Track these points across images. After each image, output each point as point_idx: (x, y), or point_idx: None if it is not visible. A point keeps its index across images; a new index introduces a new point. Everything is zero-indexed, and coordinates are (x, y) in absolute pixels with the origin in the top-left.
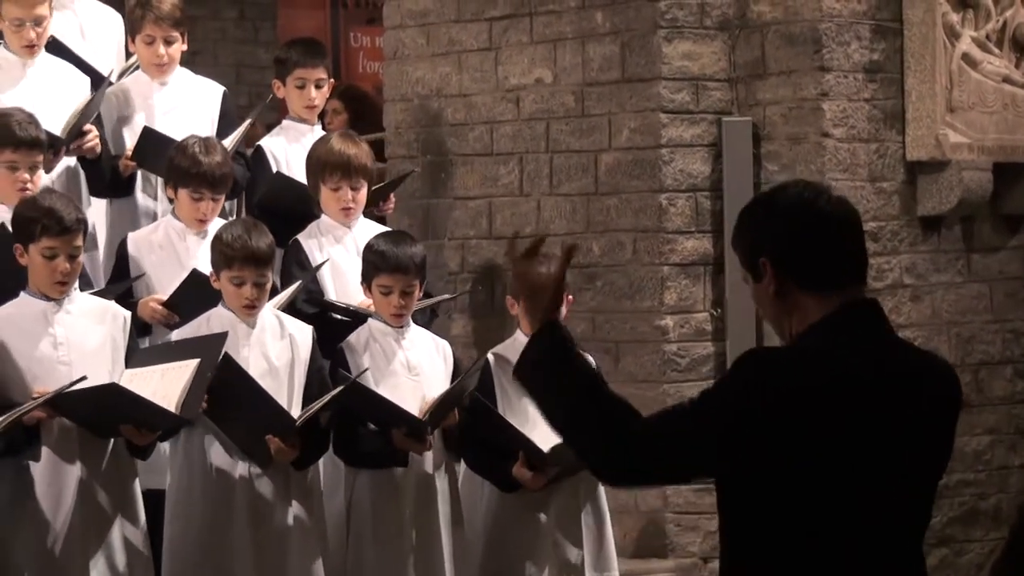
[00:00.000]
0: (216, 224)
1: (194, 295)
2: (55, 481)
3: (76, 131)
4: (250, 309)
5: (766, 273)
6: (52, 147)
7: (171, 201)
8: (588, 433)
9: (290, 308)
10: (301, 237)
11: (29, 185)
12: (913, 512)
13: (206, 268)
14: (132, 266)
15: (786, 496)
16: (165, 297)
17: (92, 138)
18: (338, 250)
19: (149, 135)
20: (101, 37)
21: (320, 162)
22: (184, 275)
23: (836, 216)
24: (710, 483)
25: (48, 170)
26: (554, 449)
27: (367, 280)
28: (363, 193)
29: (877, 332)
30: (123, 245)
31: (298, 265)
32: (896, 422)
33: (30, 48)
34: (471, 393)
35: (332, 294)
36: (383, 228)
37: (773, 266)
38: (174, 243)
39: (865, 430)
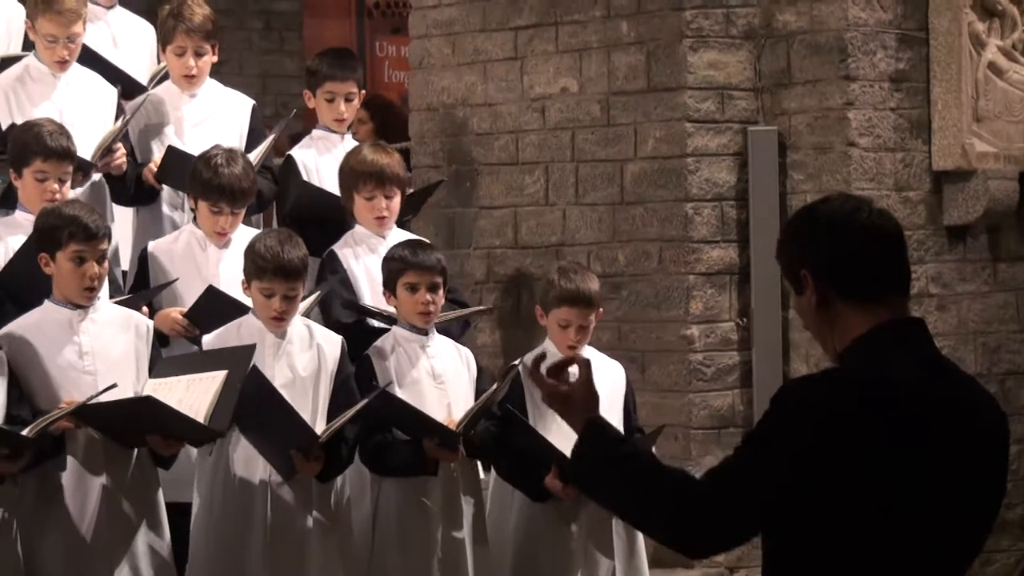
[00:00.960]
0: (240, 234)
1: (212, 310)
2: (80, 490)
3: (106, 150)
4: (278, 321)
5: (807, 286)
6: (81, 170)
7: (192, 210)
8: (654, 514)
9: (327, 318)
10: (336, 247)
11: (58, 196)
12: (960, 545)
13: (226, 277)
14: (152, 275)
15: (832, 523)
16: (185, 308)
17: (119, 156)
18: (372, 259)
19: (172, 153)
20: (133, 48)
21: (353, 172)
22: (202, 285)
23: (876, 228)
24: None
25: (74, 186)
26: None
27: (390, 285)
28: (396, 202)
29: (921, 353)
30: (144, 253)
31: (334, 275)
32: (941, 447)
33: (61, 64)
34: (503, 404)
35: (368, 300)
36: (418, 239)
37: (813, 278)
38: (195, 253)
39: (910, 455)
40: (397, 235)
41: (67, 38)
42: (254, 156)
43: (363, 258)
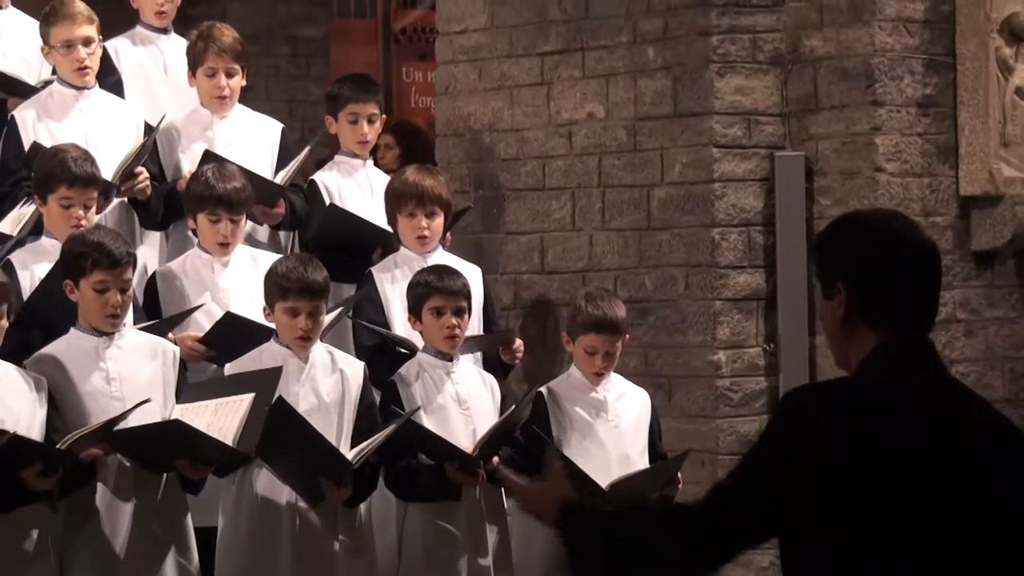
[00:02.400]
0: (240, 252)
1: (231, 334)
2: (110, 515)
3: (127, 174)
4: (304, 341)
5: (838, 296)
6: (104, 192)
7: (194, 233)
8: (662, 552)
9: (355, 339)
10: (375, 270)
11: (83, 222)
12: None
13: (234, 296)
14: (161, 300)
15: (840, 537)
16: (199, 333)
17: (143, 180)
18: None
19: (209, 159)
20: (183, 75)
21: (396, 192)
22: (209, 306)
23: (926, 254)
24: None
25: (99, 212)
26: (613, 485)
27: (416, 310)
28: (439, 222)
29: (930, 370)
30: (151, 281)
31: (367, 298)
32: (949, 460)
33: (82, 71)
34: (528, 428)
35: (400, 327)
36: (463, 262)
37: (847, 292)
38: (201, 274)
39: (914, 466)
40: (440, 258)
41: (82, 43)
42: (285, 172)
43: (399, 283)
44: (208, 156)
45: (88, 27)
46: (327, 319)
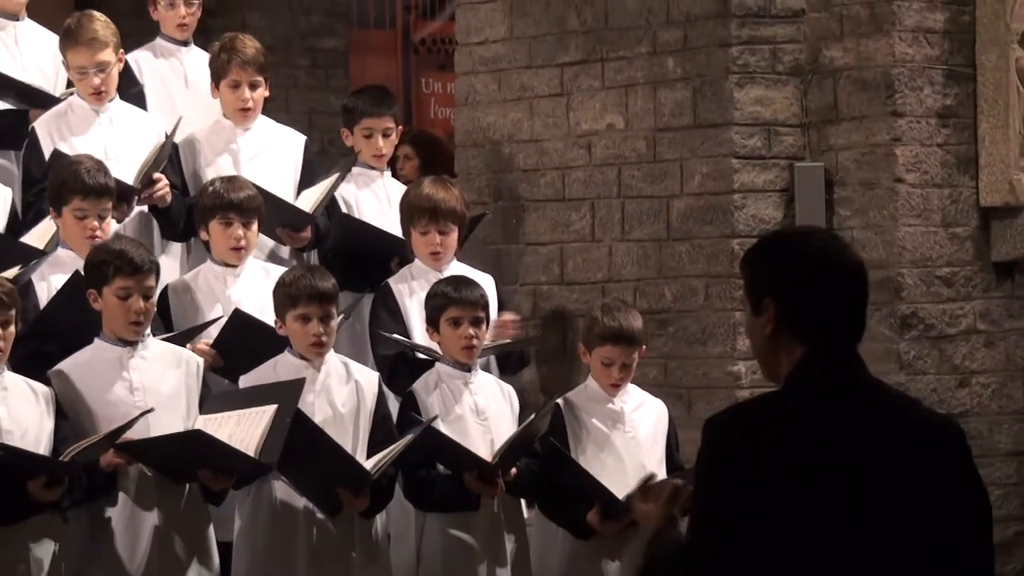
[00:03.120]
0: (252, 265)
1: (240, 337)
2: (131, 527)
3: (147, 179)
4: (318, 347)
5: (767, 312)
6: (124, 197)
7: (207, 246)
8: None
9: (374, 351)
10: (392, 281)
11: (98, 233)
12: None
13: (245, 307)
14: (173, 312)
15: (778, 553)
16: (210, 340)
17: (162, 187)
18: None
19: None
20: (204, 86)
21: (410, 206)
22: (223, 321)
23: (856, 273)
24: None
25: (120, 220)
26: (629, 497)
27: (434, 321)
28: (453, 237)
29: (856, 376)
30: (164, 295)
31: (387, 310)
32: (876, 468)
33: (97, 95)
34: (547, 440)
35: (419, 337)
36: (477, 272)
37: (776, 309)
38: (213, 287)
39: (841, 476)
40: (455, 270)
41: (96, 67)
42: (317, 198)
43: (417, 294)
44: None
45: (104, 52)
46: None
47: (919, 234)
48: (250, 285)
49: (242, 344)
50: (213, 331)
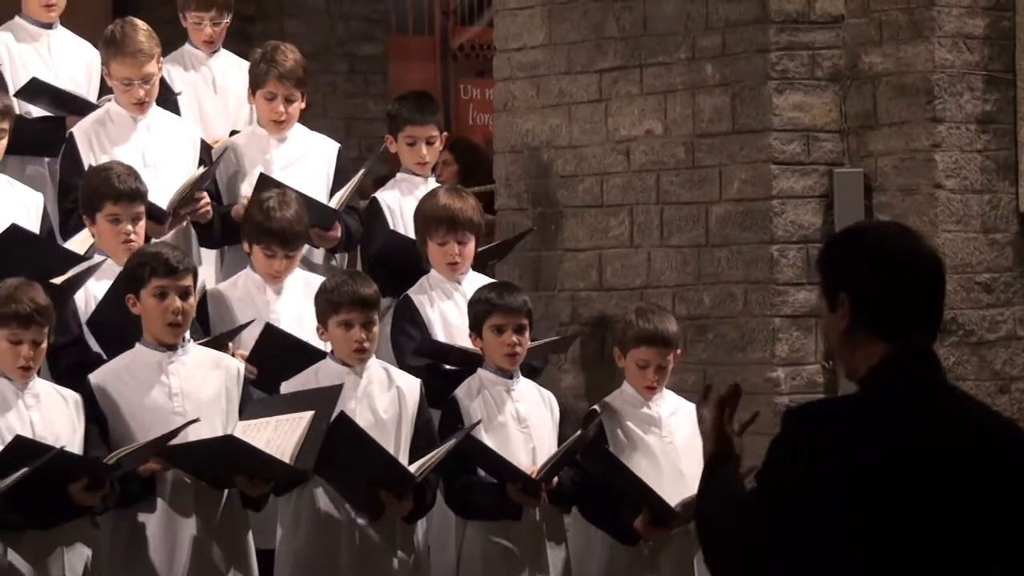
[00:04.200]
0: (295, 278)
1: (273, 350)
2: (169, 534)
3: (185, 200)
4: (361, 353)
5: (842, 308)
6: (156, 218)
7: (248, 254)
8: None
9: (400, 364)
10: (412, 292)
11: (133, 237)
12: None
13: (285, 321)
14: (212, 318)
15: (849, 552)
16: (246, 351)
17: (204, 205)
18: (448, 305)
19: (264, 182)
20: (232, 91)
21: (426, 217)
22: (260, 328)
23: (931, 268)
24: None
25: (154, 236)
26: (683, 504)
27: (477, 327)
28: (470, 247)
29: (932, 381)
30: (202, 301)
31: (410, 321)
32: (954, 470)
33: (139, 106)
34: (599, 445)
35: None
36: (497, 281)
37: (851, 304)
38: (253, 296)
39: (918, 477)
40: (473, 280)
41: (142, 79)
42: (340, 196)
43: (438, 303)
44: (263, 180)
45: (149, 65)
46: None
47: (959, 240)
48: (290, 295)
49: (275, 357)
50: (249, 341)
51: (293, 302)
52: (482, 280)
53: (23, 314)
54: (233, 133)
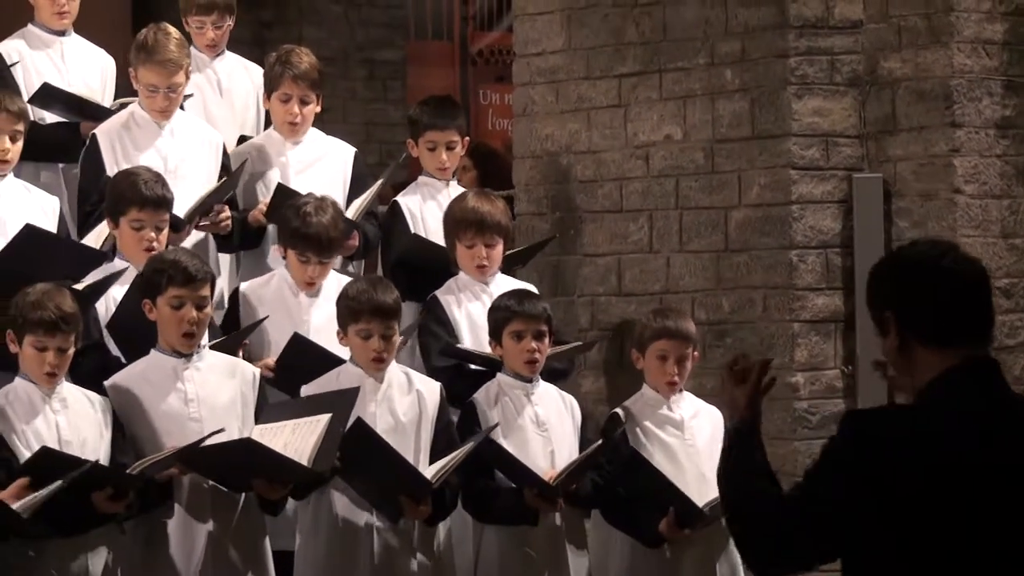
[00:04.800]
0: (330, 282)
1: (301, 358)
2: (187, 538)
3: (203, 209)
4: (378, 363)
5: (890, 328)
6: (174, 227)
7: (284, 257)
8: (747, 528)
9: (427, 364)
10: (439, 293)
11: (155, 244)
12: None
13: (316, 324)
14: (243, 316)
15: (903, 559)
16: (272, 360)
17: (224, 218)
18: (476, 306)
19: (282, 192)
20: (237, 93)
21: (455, 220)
22: (291, 330)
23: (959, 274)
24: None
25: (172, 244)
26: (710, 505)
27: (496, 334)
28: (498, 250)
29: (993, 391)
30: (235, 295)
31: (436, 321)
32: (1011, 486)
33: (164, 113)
34: (627, 447)
35: (470, 347)
36: (521, 284)
37: (896, 321)
38: (286, 297)
39: (974, 491)
40: (501, 282)
41: (168, 88)
42: (360, 202)
43: (465, 304)
44: (281, 189)
45: (178, 75)
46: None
47: (978, 245)
48: (321, 296)
49: (301, 366)
50: (278, 343)
51: (325, 304)
52: (510, 283)
53: (48, 321)
54: (242, 139)
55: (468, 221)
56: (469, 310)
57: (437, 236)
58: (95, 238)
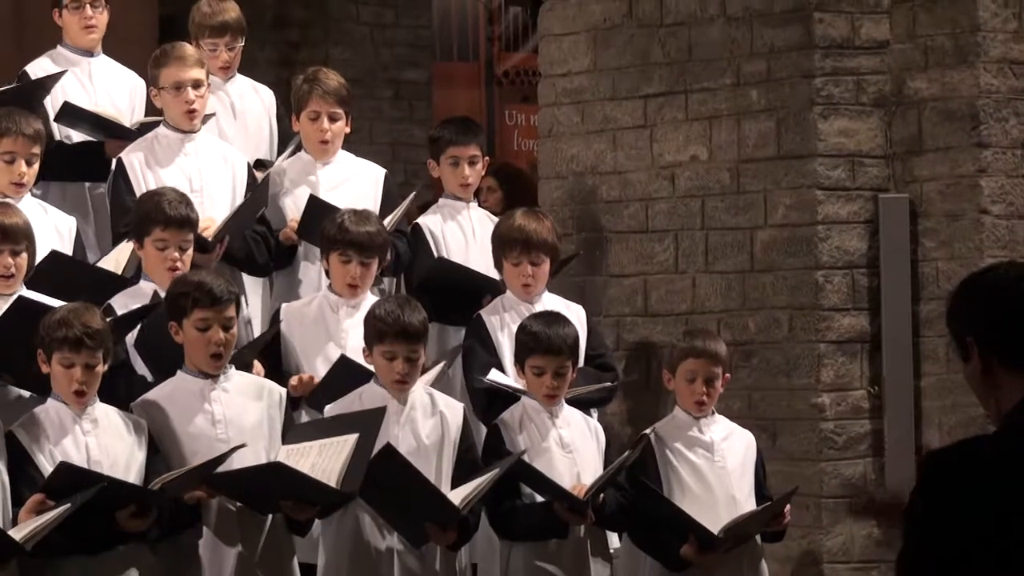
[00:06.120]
0: (368, 303)
1: (346, 381)
2: (215, 560)
3: (231, 229)
4: (401, 384)
5: (972, 353)
6: (202, 248)
7: (327, 274)
8: None
9: (467, 380)
10: (484, 313)
11: (179, 264)
12: None
13: (354, 344)
14: (285, 337)
15: None
16: (313, 377)
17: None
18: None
19: (314, 204)
20: (251, 115)
21: (501, 238)
22: (331, 348)
23: None
24: (868, 561)
25: (200, 264)
26: (726, 529)
27: (520, 361)
28: (544, 268)
29: None
30: (276, 315)
31: (479, 341)
32: None
33: (190, 114)
34: (636, 477)
35: (511, 369)
36: (566, 302)
37: (978, 346)
38: (326, 316)
39: None
40: (546, 300)
41: (192, 85)
42: (391, 219)
43: (509, 326)
44: (314, 201)
45: (198, 70)
46: (431, 373)
47: None
48: (361, 315)
49: (346, 389)
50: (316, 362)
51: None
52: (556, 301)
53: (73, 338)
54: (258, 163)
55: (515, 239)
56: (512, 332)
57: (458, 257)
58: (114, 259)
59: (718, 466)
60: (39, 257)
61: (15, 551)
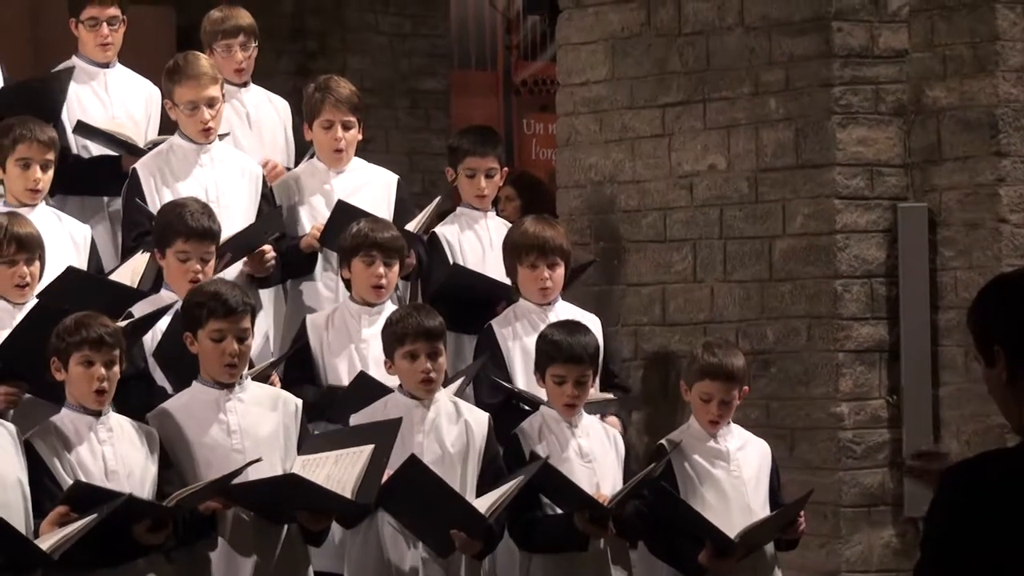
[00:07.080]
0: (389, 309)
1: (364, 396)
2: (230, 571)
3: (240, 243)
4: (427, 384)
5: (999, 360)
6: (221, 256)
7: (347, 286)
8: None
9: (477, 397)
10: (495, 324)
11: (200, 276)
12: None
13: (376, 354)
14: (313, 346)
15: None
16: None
17: (270, 259)
18: (532, 339)
19: (342, 209)
20: (266, 124)
21: (515, 244)
22: (353, 358)
23: None
24: (887, 570)
25: (218, 270)
26: (742, 535)
27: (540, 369)
28: (560, 272)
29: None
30: (303, 326)
31: (490, 351)
32: None
33: (206, 132)
34: (655, 482)
35: (522, 379)
36: (581, 311)
37: (1006, 354)
38: (347, 324)
39: None
40: (561, 310)
41: (207, 103)
42: (417, 221)
43: (521, 337)
44: (341, 207)
45: (213, 88)
46: (454, 385)
47: None
48: (379, 325)
49: (361, 402)
50: (340, 371)
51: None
52: (571, 311)
53: (94, 337)
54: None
55: (530, 245)
56: (524, 343)
57: (475, 266)
58: (129, 270)
59: (733, 476)
60: (53, 266)
61: (41, 562)
